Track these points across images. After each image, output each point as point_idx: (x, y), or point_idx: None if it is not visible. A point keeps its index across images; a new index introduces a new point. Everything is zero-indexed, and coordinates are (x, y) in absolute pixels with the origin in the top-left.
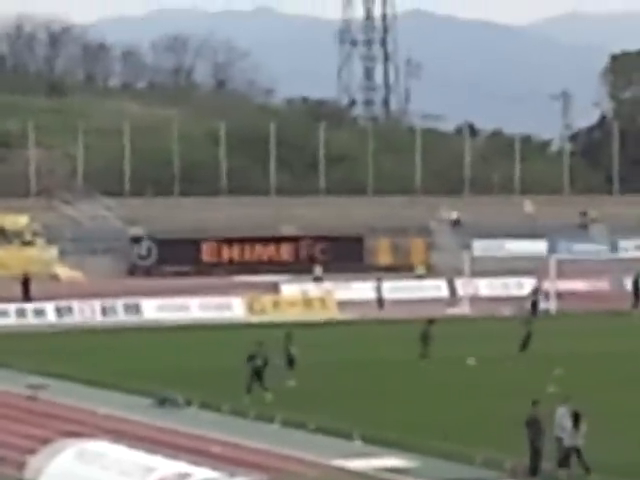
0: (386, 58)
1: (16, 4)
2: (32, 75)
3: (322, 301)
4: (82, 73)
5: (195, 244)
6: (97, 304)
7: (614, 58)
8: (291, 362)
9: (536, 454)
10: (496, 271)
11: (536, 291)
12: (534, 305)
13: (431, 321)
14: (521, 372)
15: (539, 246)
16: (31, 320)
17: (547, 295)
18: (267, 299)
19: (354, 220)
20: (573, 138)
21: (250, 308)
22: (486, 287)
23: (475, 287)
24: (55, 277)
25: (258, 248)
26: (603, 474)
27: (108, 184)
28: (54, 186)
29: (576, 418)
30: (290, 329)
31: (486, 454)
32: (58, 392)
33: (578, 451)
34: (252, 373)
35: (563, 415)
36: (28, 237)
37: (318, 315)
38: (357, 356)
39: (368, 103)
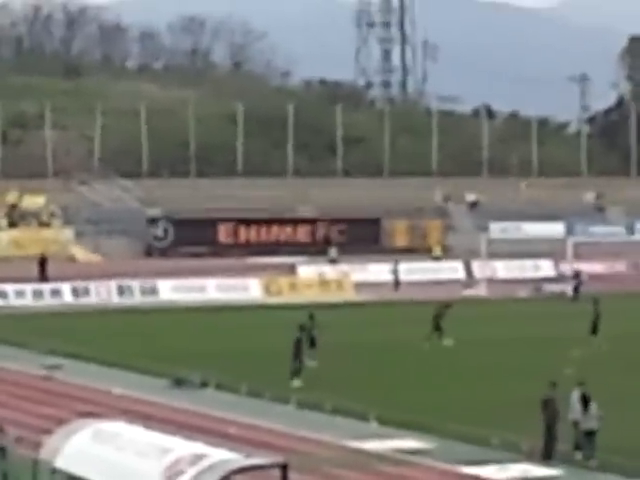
0: (403, 40)
1: None
2: (49, 56)
3: (339, 283)
4: (99, 54)
5: (212, 225)
6: (113, 285)
7: (632, 40)
8: (313, 343)
9: (551, 436)
10: (513, 253)
11: (577, 274)
12: (576, 288)
13: (448, 305)
14: (540, 354)
15: (556, 228)
16: (48, 300)
17: (578, 277)
18: (284, 280)
19: (371, 202)
20: (590, 120)
21: (266, 289)
22: (503, 269)
23: (492, 269)
24: (71, 258)
25: (275, 229)
26: (621, 457)
27: (125, 165)
28: (71, 167)
29: (585, 401)
30: (311, 310)
31: (502, 436)
32: (74, 372)
33: (592, 433)
34: (295, 348)
35: (576, 398)
36: (45, 218)
37: (334, 297)
38: (373, 338)
39: (385, 85)
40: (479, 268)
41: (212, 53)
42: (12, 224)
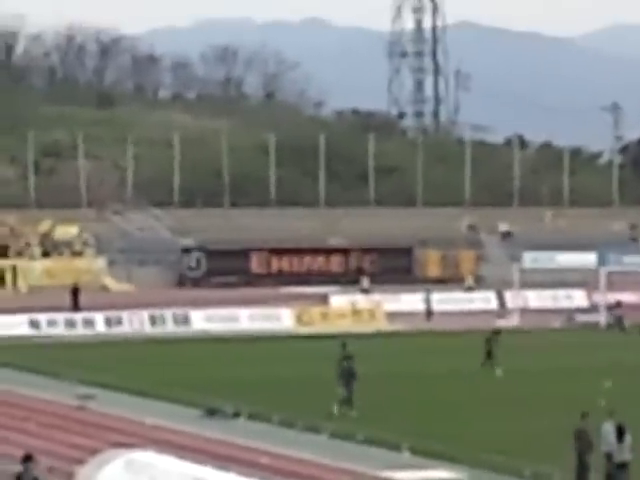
0: (436, 70)
1: (67, 15)
2: (82, 86)
3: (371, 312)
4: (132, 84)
5: (244, 255)
6: (146, 314)
7: None
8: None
9: (584, 468)
10: (545, 283)
11: (619, 304)
12: (620, 319)
13: (497, 332)
14: (573, 385)
15: (589, 258)
16: (80, 330)
17: (619, 307)
18: (316, 310)
19: (403, 232)
20: (623, 150)
21: (299, 319)
22: (535, 299)
23: (524, 299)
24: (104, 288)
25: (307, 259)
26: None
27: (158, 195)
28: (104, 197)
29: (620, 432)
30: (344, 339)
31: (535, 467)
32: (107, 402)
33: (625, 465)
34: (343, 380)
35: (609, 430)
36: (78, 247)
37: (367, 326)
38: (405, 368)
39: (418, 115)
40: (512, 298)
41: (245, 83)
42: (45, 254)
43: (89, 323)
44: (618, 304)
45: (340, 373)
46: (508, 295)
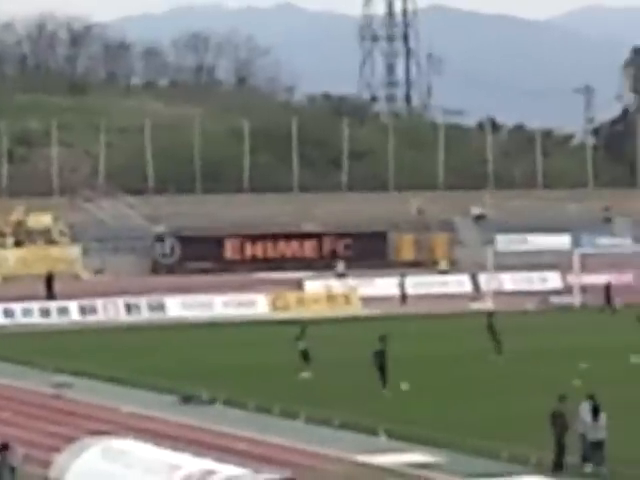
0: (408, 54)
1: (38, 4)
2: (54, 74)
3: (346, 297)
4: (104, 72)
5: (218, 241)
6: (121, 302)
7: (636, 51)
8: (306, 356)
9: (561, 449)
10: (519, 265)
11: (608, 286)
12: (609, 300)
13: (490, 314)
14: (549, 367)
15: (563, 240)
16: (55, 319)
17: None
18: (291, 296)
19: (377, 216)
20: (595, 132)
21: (274, 305)
22: (510, 281)
23: (499, 282)
24: (77, 277)
25: (281, 245)
26: (628, 468)
27: (131, 182)
28: (77, 185)
29: (595, 411)
30: (304, 324)
31: (512, 449)
32: (82, 390)
33: (601, 444)
34: (379, 368)
35: (585, 410)
36: (51, 236)
37: (342, 311)
38: None
39: (390, 99)
40: (486, 281)
41: (217, 69)
42: (18, 243)
43: (64, 311)
44: (608, 286)
45: (377, 355)
46: (482, 278)
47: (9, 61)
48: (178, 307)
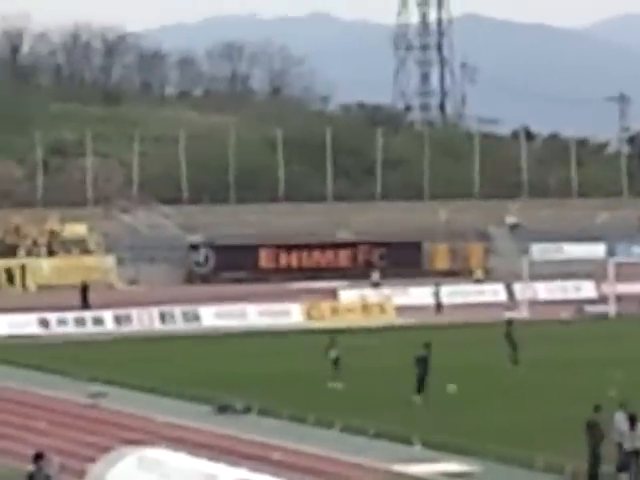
0: (442, 62)
1: (73, 13)
2: (88, 84)
3: (380, 306)
4: (138, 81)
5: (253, 250)
6: (155, 312)
7: None
8: (336, 363)
9: (596, 459)
10: (554, 274)
11: None
12: None
13: (509, 322)
14: (583, 376)
15: (597, 249)
16: (90, 328)
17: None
18: (325, 305)
19: (412, 225)
20: (630, 140)
21: (308, 314)
22: (544, 291)
23: (533, 291)
24: (112, 286)
25: (316, 254)
26: None
27: (165, 192)
28: (111, 194)
29: (632, 421)
30: (334, 333)
31: (546, 458)
32: (118, 400)
33: (637, 453)
34: (418, 374)
35: (621, 420)
36: (86, 246)
37: (376, 321)
38: None
39: (424, 108)
40: (520, 290)
41: (251, 79)
42: (51, 252)
43: (99, 321)
44: None
45: (418, 361)
46: (517, 287)
47: (44, 71)
48: (212, 317)
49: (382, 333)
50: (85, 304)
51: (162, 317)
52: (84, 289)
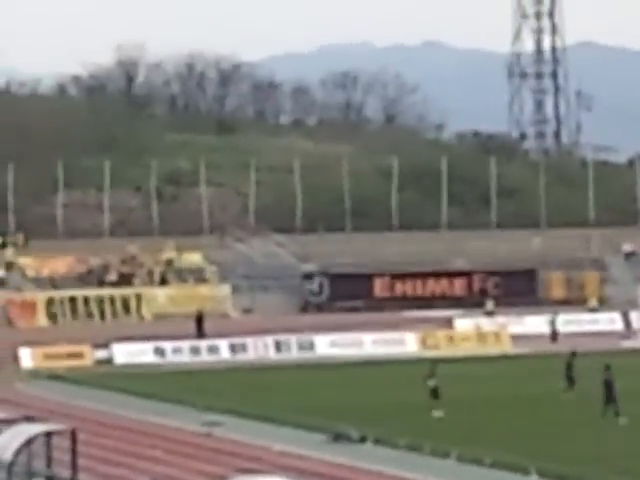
0: (556, 90)
1: (187, 43)
2: (203, 114)
3: (496, 335)
4: (252, 110)
5: (367, 279)
6: (270, 340)
7: None
8: (436, 394)
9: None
10: None
11: None
12: None
13: (574, 353)
14: None
15: None
16: (205, 357)
17: None
18: (440, 334)
19: (527, 254)
20: None
21: (423, 343)
22: None
23: None
24: (226, 315)
25: (430, 283)
26: None
27: (280, 221)
28: (226, 223)
29: None
30: (434, 362)
31: None
32: (233, 429)
33: None
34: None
35: None
36: (202, 275)
37: (492, 349)
38: (532, 390)
39: (539, 136)
40: (637, 319)
41: (365, 107)
42: (164, 281)
43: (214, 350)
44: None
45: (605, 384)
46: (634, 316)
47: (159, 101)
48: (327, 345)
49: (497, 362)
50: (200, 333)
51: (277, 346)
52: (199, 318)
